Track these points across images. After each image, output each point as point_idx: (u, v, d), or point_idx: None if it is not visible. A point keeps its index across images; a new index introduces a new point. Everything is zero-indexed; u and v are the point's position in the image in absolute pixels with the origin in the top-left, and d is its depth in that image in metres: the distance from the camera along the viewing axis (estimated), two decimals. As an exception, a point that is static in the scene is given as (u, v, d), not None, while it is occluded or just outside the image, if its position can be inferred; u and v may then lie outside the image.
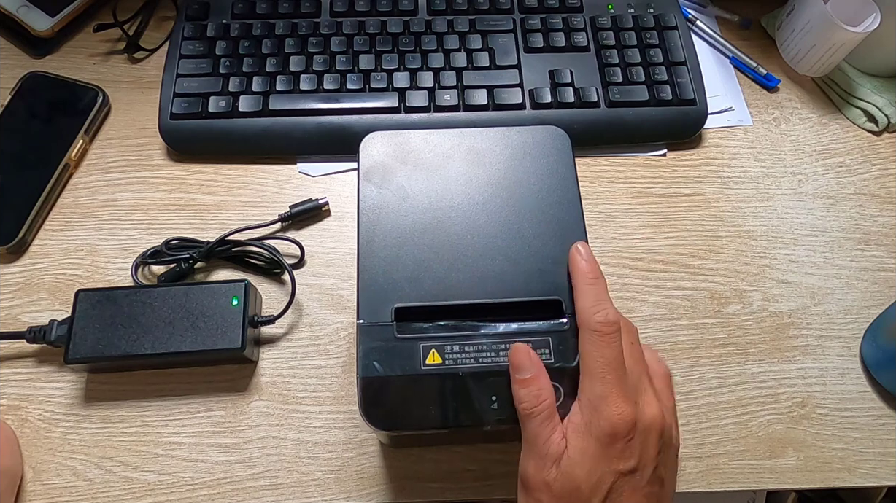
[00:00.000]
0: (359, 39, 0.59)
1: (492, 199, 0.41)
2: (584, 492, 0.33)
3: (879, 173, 0.58)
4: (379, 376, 0.36)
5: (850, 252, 0.54)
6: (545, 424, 0.34)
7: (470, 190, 0.42)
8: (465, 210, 0.41)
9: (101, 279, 0.51)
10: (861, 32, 0.56)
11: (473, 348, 0.37)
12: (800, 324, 0.51)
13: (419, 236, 0.40)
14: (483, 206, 0.41)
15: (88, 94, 0.57)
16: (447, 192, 0.41)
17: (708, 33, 0.65)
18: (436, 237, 0.40)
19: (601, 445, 0.33)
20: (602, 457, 0.33)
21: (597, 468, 0.33)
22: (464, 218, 0.40)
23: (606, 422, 0.33)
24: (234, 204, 0.54)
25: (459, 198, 0.41)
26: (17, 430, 0.45)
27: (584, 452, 0.34)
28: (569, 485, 0.33)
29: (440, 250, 0.39)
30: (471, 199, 0.41)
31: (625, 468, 0.33)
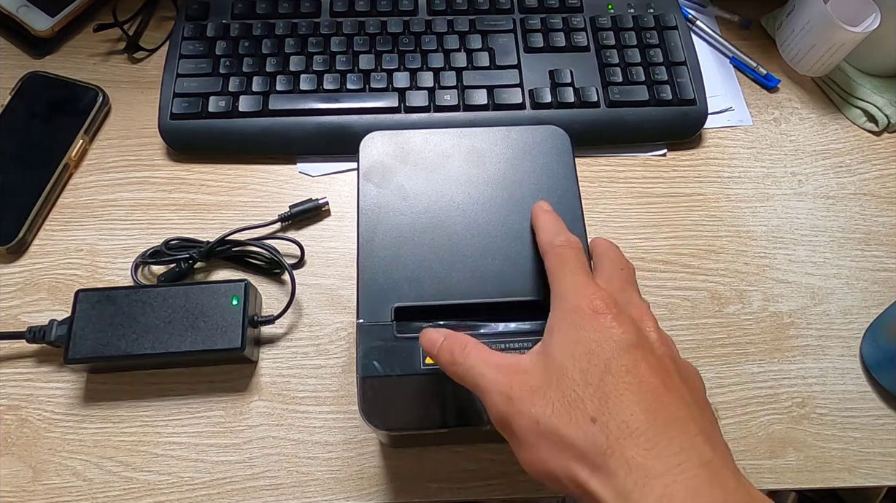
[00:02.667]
0: (359, 39, 0.59)
1: (492, 199, 0.41)
2: (578, 381, 0.28)
3: (879, 173, 0.58)
4: (379, 376, 0.36)
5: (850, 252, 0.54)
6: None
7: (470, 189, 0.42)
8: (465, 210, 0.41)
9: (101, 279, 0.51)
10: (861, 32, 0.56)
11: None
12: (800, 324, 0.51)
13: (419, 236, 0.40)
14: (483, 206, 0.41)
15: (88, 94, 0.57)
16: (447, 191, 0.41)
17: (708, 33, 0.65)
18: (436, 237, 0.40)
19: (584, 319, 0.29)
20: (588, 330, 0.29)
21: (585, 343, 0.29)
22: (464, 217, 0.40)
23: (584, 300, 0.30)
24: (234, 204, 0.54)
25: (460, 197, 0.41)
26: (17, 430, 0.45)
27: (564, 337, 0.30)
28: (557, 379, 0.28)
29: (440, 250, 0.39)
30: (471, 198, 0.41)
31: (623, 336, 0.29)
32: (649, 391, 0.28)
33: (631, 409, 0.27)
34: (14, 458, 0.44)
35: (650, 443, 0.26)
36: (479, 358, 0.31)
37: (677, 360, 0.31)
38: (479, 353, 0.32)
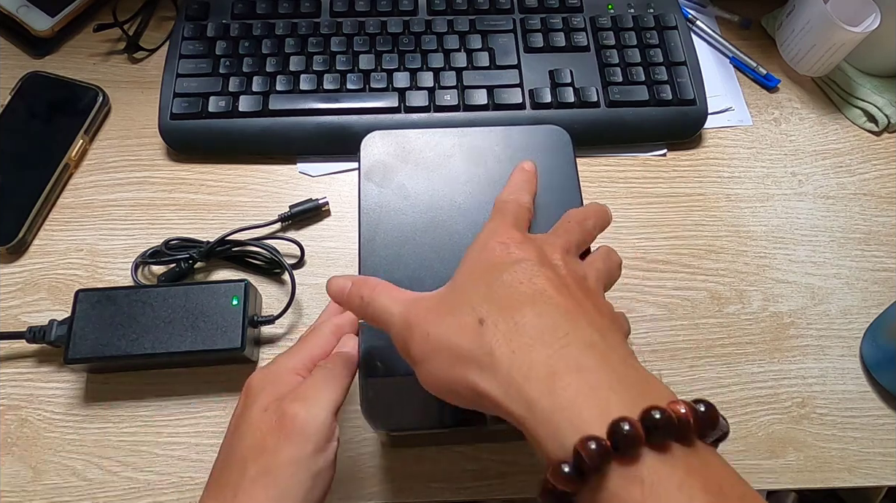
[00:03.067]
0: (359, 39, 0.59)
1: (493, 198, 0.41)
2: (472, 295, 0.28)
3: (879, 173, 0.58)
4: (381, 376, 0.36)
5: (850, 252, 0.54)
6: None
7: (471, 189, 0.42)
8: (466, 209, 0.41)
9: (101, 279, 0.51)
10: (861, 32, 0.56)
11: None
12: (800, 324, 0.51)
13: (420, 235, 0.40)
14: (484, 205, 0.41)
15: (88, 94, 0.57)
16: (448, 190, 0.41)
17: (708, 33, 0.65)
18: (437, 236, 0.40)
19: (489, 251, 0.31)
20: (491, 255, 0.30)
21: (484, 265, 0.30)
22: (464, 217, 0.40)
23: (495, 238, 0.31)
24: (234, 204, 0.54)
25: (460, 197, 0.41)
26: (17, 430, 0.45)
27: (467, 265, 0.31)
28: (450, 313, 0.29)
29: (441, 249, 0.39)
30: (472, 197, 0.41)
31: (522, 255, 0.30)
32: (545, 299, 0.28)
33: (522, 312, 0.27)
34: (14, 458, 0.44)
35: (536, 333, 0.26)
36: (388, 296, 0.32)
37: (588, 288, 0.31)
38: (389, 292, 0.32)
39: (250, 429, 0.33)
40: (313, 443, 0.32)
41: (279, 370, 0.36)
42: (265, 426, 0.32)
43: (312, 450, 0.32)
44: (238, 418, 0.35)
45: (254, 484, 0.31)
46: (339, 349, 0.37)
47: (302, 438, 0.32)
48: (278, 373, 0.35)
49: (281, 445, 0.32)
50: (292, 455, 0.32)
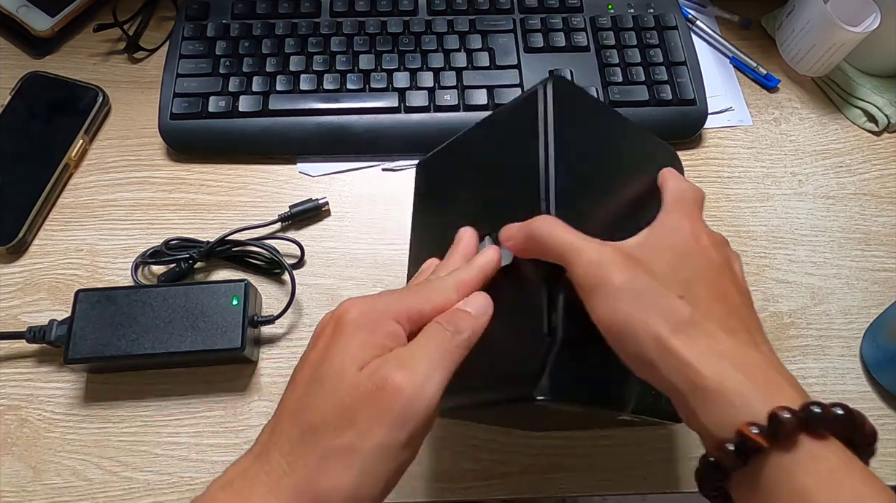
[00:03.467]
0: (359, 39, 0.59)
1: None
2: (668, 272, 0.30)
3: (879, 173, 0.58)
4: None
5: (850, 252, 0.54)
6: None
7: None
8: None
9: (101, 279, 0.51)
10: (861, 32, 0.56)
11: None
12: (800, 324, 0.51)
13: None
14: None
15: (88, 94, 0.57)
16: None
17: (708, 33, 0.65)
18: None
19: (685, 237, 0.33)
20: (686, 243, 0.32)
21: (681, 249, 0.32)
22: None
23: (688, 224, 0.33)
24: (234, 204, 0.54)
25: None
26: (17, 430, 0.45)
27: (662, 238, 0.32)
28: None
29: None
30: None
31: (717, 258, 0.32)
32: (728, 300, 0.31)
33: (713, 306, 0.29)
34: (14, 458, 0.44)
35: (726, 329, 0.29)
36: (561, 226, 0.31)
37: (750, 297, 0.34)
38: (559, 223, 0.32)
39: (339, 387, 0.27)
40: (410, 429, 0.27)
41: (381, 310, 0.29)
42: (359, 391, 0.26)
43: (407, 439, 0.27)
44: (323, 361, 0.28)
45: (328, 462, 0.26)
46: (461, 307, 0.30)
47: (401, 421, 0.26)
48: (379, 315, 0.29)
49: (374, 424, 0.26)
50: (385, 440, 0.26)
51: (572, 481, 0.45)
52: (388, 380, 0.26)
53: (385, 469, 0.27)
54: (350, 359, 0.27)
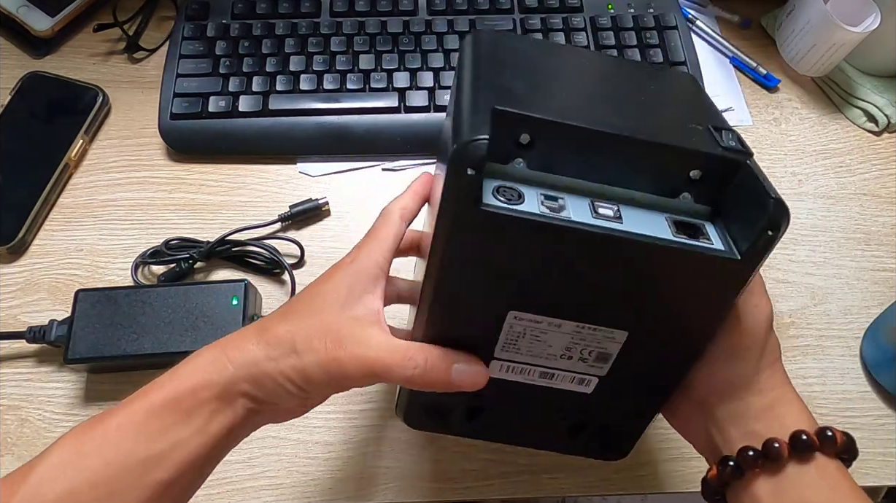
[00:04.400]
0: (359, 39, 0.59)
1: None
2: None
3: (879, 173, 0.58)
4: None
5: (850, 252, 0.54)
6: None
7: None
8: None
9: (101, 279, 0.51)
10: (861, 32, 0.56)
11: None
12: (800, 324, 0.51)
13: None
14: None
15: (88, 94, 0.57)
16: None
17: (708, 33, 0.65)
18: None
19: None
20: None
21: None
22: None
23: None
24: (234, 204, 0.54)
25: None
26: (17, 430, 0.45)
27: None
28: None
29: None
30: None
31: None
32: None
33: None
34: (14, 458, 0.44)
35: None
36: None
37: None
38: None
39: (318, 315, 0.32)
40: (330, 391, 0.32)
41: (370, 264, 0.34)
42: (324, 347, 0.30)
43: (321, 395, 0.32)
44: (321, 278, 0.35)
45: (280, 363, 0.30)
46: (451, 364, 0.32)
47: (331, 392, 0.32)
48: (366, 267, 0.34)
49: (314, 391, 0.31)
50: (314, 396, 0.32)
51: (572, 481, 0.45)
52: (336, 359, 0.30)
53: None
54: (333, 303, 0.32)
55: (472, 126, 0.25)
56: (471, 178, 0.24)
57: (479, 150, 0.24)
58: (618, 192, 0.28)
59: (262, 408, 0.31)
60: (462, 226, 0.25)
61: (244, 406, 0.30)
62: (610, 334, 0.29)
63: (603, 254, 0.26)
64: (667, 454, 0.46)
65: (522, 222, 0.25)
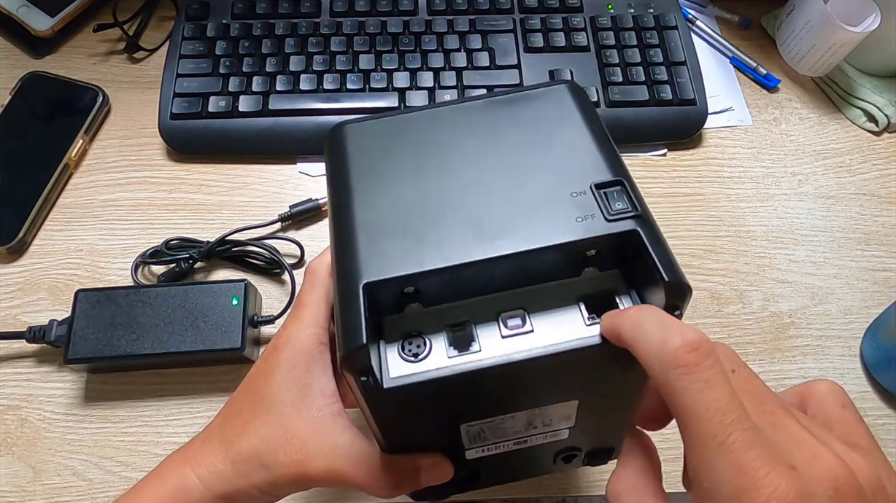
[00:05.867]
0: (359, 39, 0.59)
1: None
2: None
3: (879, 173, 0.58)
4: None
5: (850, 252, 0.54)
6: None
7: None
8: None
9: (101, 279, 0.51)
10: (861, 32, 0.56)
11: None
12: (800, 324, 0.51)
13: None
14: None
15: (88, 94, 0.57)
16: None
17: (708, 33, 0.65)
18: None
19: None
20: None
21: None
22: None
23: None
24: (234, 204, 0.54)
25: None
26: (17, 430, 0.45)
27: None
28: None
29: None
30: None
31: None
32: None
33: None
34: (14, 458, 0.44)
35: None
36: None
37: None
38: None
39: (276, 423, 0.31)
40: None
41: (307, 340, 0.32)
42: (290, 460, 0.31)
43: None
44: (262, 369, 0.33)
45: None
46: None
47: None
48: (305, 346, 0.32)
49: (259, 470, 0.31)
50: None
51: (572, 481, 0.45)
52: (309, 469, 0.30)
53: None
54: (287, 395, 0.32)
55: (351, 330, 0.24)
56: (364, 382, 0.24)
57: (362, 362, 0.24)
58: (522, 294, 0.27)
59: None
60: (377, 405, 0.26)
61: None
62: (562, 407, 0.30)
63: (521, 373, 0.26)
64: (667, 454, 0.46)
65: (433, 383, 0.25)
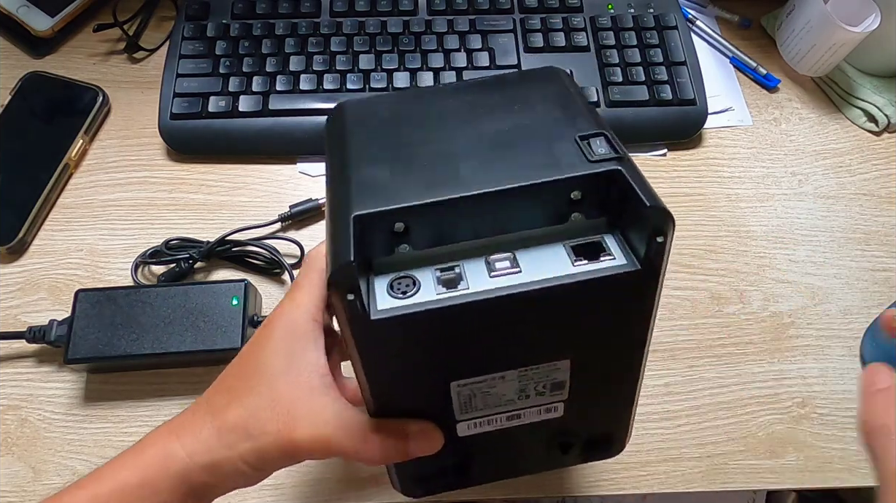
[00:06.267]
0: (359, 39, 0.59)
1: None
2: None
3: (879, 173, 0.58)
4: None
5: (850, 252, 0.54)
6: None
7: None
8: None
9: (101, 279, 0.51)
10: (861, 32, 0.56)
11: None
12: (800, 324, 0.51)
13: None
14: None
15: (88, 94, 0.57)
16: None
17: (708, 33, 0.65)
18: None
19: None
20: None
21: None
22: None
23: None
24: (234, 204, 0.54)
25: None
26: (17, 430, 0.45)
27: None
28: None
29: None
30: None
31: None
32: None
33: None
34: (14, 458, 0.44)
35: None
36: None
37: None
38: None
39: (265, 393, 0.30)
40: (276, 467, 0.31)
41: (300, 317, 0.32)
42: (276, 429, 0.30)
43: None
44: (254, 343, 0.32)
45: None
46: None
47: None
48: (297, 321, 0.32)
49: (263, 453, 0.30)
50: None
51: (572, 481, 0.45)
52: (296, 436, 0.29)
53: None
54: (277, 365, 0.31)
55: (338, 250, 0.24)
56: (352, 302, 0.24)
57: (348, 277, 0.24)
58: (510, 238, 0.27)
59: (213, 491, 0.31)
60: (364, 339, 0.26)
61: (196, 493, 0.30)
62: (554, 366, 0.29)
63: (511, 311, 0.26)
64: (667, 454, 0.46)
65: (420, 316, 0.25)
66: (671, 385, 0.48)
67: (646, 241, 0.25)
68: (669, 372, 0.49)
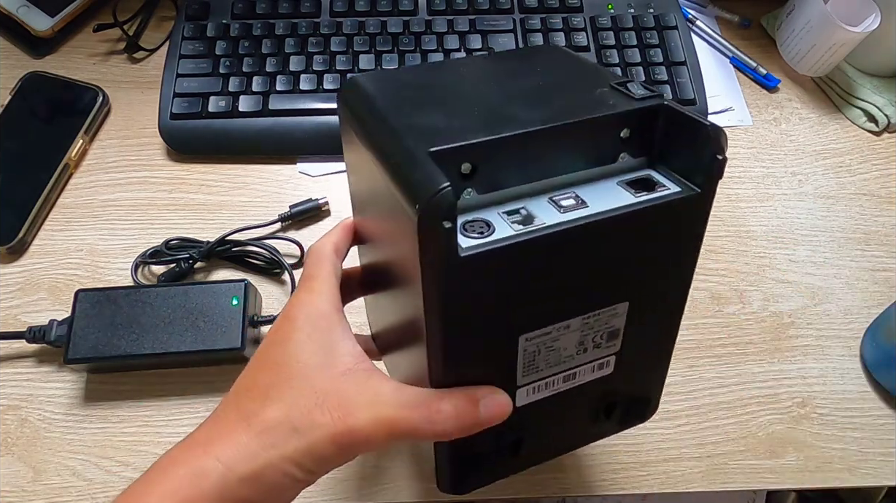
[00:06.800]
0: (359, 39, 0.59)
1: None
2: None
3: (879, 173, 0.58)
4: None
5: (850, 252, 0.54)
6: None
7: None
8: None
9: (101, 279, 0.51)
10: (861, 32, 0.56)
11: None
12: (800, 324, 0.51)
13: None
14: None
15: (88, 94, 0.57)
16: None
17: (708, 33, 0.65)
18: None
19: None
20: None
21: None
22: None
23: None
24: (234, 204, 0.54)
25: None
26: (17, 430, 0.45)
27: None
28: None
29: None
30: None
31: None
32: None
33: None
34: (14, 458, 0.44)
35: None
36: None
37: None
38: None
39: (305, 384, 0.27)
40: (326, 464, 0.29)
41: (323, 305, 0.30)
42: (329, 419, 0.27)
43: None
44: (277, 338, 0.30)
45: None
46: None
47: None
48: (322, 310, 0.30)
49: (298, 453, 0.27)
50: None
51: (572, 481, 0.45)
52: (354, 423, 0.27)
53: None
54: (311, 356, 0.29)
55: (426, 178, 0.23)
56: (448, 231, 0.23)
57: (448, 200, 0.23)
58: (565, 180, 0.28)
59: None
60: (451, 279, 0.25)
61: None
62: (613, 311, 0.30)
63: (587, 242, 0.26)
64: (667, 454, 0.46)
65: (506, 250, 0.24)
66: (671, 385, 0.48)
67: (706, 162, 0.26)
68: (669, 372, 0.49)
